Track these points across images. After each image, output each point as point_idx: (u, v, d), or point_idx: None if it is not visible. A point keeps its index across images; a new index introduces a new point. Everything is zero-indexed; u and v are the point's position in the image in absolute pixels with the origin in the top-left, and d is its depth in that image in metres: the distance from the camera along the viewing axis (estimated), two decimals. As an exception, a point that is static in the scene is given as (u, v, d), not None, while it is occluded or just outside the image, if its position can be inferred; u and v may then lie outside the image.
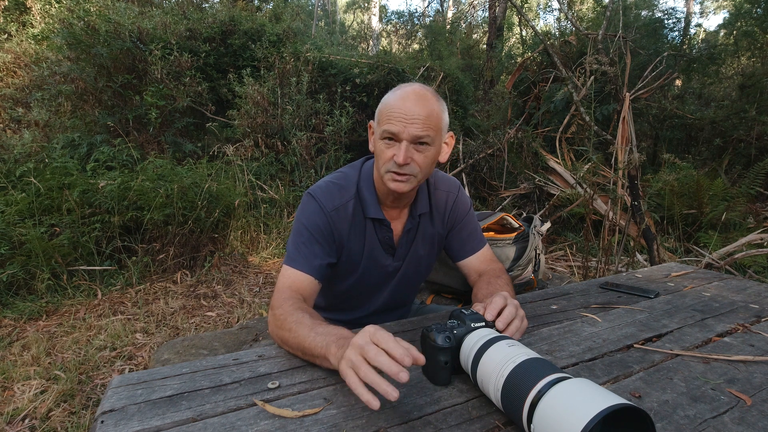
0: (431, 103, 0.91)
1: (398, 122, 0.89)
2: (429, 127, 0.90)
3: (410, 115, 0.88)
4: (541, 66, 5.38)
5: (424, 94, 0.91)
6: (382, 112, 0.93)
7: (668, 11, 7.27)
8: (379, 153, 0.94)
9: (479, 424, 0.61)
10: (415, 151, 0.91)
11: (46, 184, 2.89)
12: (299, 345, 0.75)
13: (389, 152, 0.92)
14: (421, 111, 0.89)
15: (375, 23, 13.13)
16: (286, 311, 0.83)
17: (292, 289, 0.91)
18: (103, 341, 2.19)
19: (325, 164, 4.50)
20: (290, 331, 0.78)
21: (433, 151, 0.93)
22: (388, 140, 0.92)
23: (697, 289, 1.19)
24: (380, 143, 0.93)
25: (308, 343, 0.73)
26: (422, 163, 0.92)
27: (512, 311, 0.78)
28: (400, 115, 0.89)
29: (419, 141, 0.90)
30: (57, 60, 4.53)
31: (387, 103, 0.92)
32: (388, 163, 0.92)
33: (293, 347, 0.78)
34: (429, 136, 0.90)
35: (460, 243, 1.13)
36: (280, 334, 0.81)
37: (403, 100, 0.90)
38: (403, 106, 0.89)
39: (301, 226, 0.98)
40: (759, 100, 5.44)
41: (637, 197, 2.87)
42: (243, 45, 5.09)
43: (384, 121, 0.91)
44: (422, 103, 0.89)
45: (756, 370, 0.77)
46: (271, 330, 0.86)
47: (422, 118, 0.89)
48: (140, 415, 0.61)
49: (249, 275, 3.18)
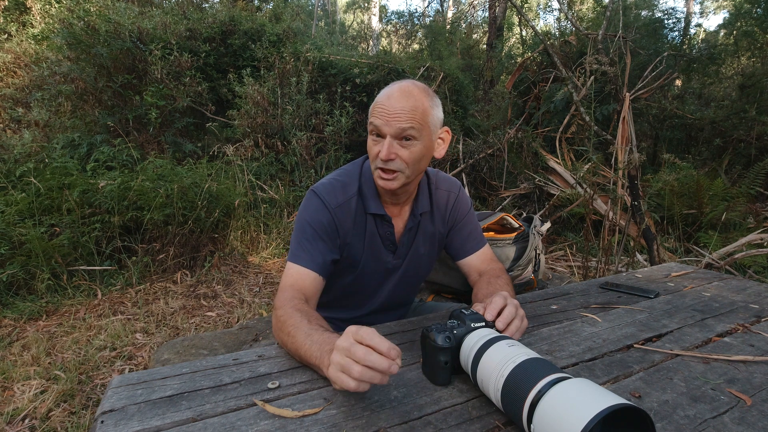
0: (416, 98, 0.90)
1: (381, 117, 0.90)
2: (413, 120, 0.89)
3: (393, 110, 0.89)
4: (541, 66, 5.37)
5: (410, 90, 0.91)
6: (371, 109, 0.95)
7: (668, 11, 7.26)
8: (368, 149, 0.96)
9: (479, 424, 0.61)
10: (399, 147, 0.91)
11: (46, 184, 2.89)
12: (296, 351, 0.76)
13: (375, 148, 0.93)
14: (404, 106, 0.89)
15: (375, 23, 13.13)
16: (286, 313, 0.83)
17: (295, 288, 0.92)
18: (103, 341, 2.19)
19: (325, 164, 4.50)
20: (289, 335, 0.79)
21: (419, 147, 0.92)
22: (376, 136, 0.93)
23: (697, 289, 1.19)
24: (369, 139, 0.95)
25: (304, 350, 0.73)
26: (408, 158, 0.92)
27: (512, 311, 0.79)
28: (384, 111, 0.90)
29: (403, 136, 0.90)
30: (57, 60, 4.53)
31: (376, 100, 0.94)
32: (375, 160, 0.94)
33: (291, 352, 0.79)
34: (413, 129, 0.90)
35: (460, 242, 1.14)
36: (280, 336, 0.82)
37: (388, 96, 0.91)
38: (387, 102, 0.90)
39: (305, 222, 0.98)
40: (759, 100, 5.44)
41: (637, 197, 2.87)
42: (243, 45, 5.09)
43: (371, 116, 0.94)
44: (406, 98, 0.89)
45: (756, 370, 0.77)
46: (273, 330, 0.87)
47: (405, 113, 0.89)
48: (140, 415, 0.61)
49: (249, 275, 3.18)
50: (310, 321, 0.79)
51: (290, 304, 0.86)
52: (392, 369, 0.58)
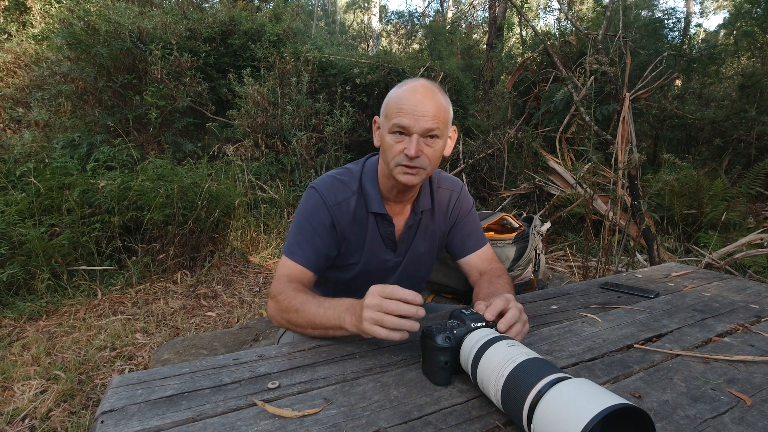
0: (439, 97, 0.93)
1: (409, 116, 0.91)
2: (438, 120, 0.92)
3: (421, 108, 0.90)
4: (541, 66, 5.37)
5: (432, 89, 0.93)
6: (391, 106, 0.94)
7: (668, 11, 7.27)
8: (388, 147, 0.95)
9: (479, 424, 0.61)
10: (425, 145, 0.93)
11: (46, 184, 2.89)
12: (310, 322, 0.81)
13: (399, 146, 0.93)
14: (431, 104, 0.91)
15: (375, 23, 13.12)
16: (289, 295, 0.87)
17: (291, 278, 0.95)
18: (103, 341, 2.19)
19: (325, 164, 4.50)
20: (297, 311, 0.83)
21: (441, 144, 0.96)
22: (399, 134, 0.93)
23: (697, 289, 1.19)
24: (389, 137, 0.94)
25: (319, 318, 0.80)
26: (432, 156, 0.95)
27: (515, 314, 0.77)
28: (411, 109, 0.90)
29: (429, 134, 0.92)
30: (57, 60, 4.53)
31: (396, 96, 0.94)
32: (398, 157, 0.94)
33: (303, 326, 0.83)
34: (438, 129, 0.92)
35: (461, 240, 1.14)
36: (286, 317, 0.85)
37: (413, 92, 0.92)
38: (413, 98, 0.91)
39: (303, 218, 1.00)
40: (759, 100, 5.43)
41: (637, 197, 2.87)
42: (243, 45, 5.09)
43: (393, 114, 0.92)
44: (431, 97, 0.91)
45: (756, 370, 0.77)
46: (273, 315, 0.90)
47: (432, 112, 0.91)
48: (140, 415, 0.61)
49: (249, 275, 3.18)
50: (315, 296, 0.85)
51: (290, 287, 0.90)
52: (420, 313, 0.70)
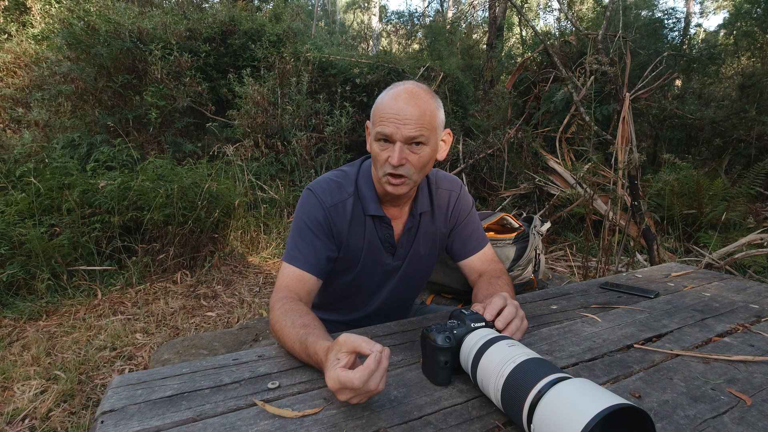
0: (424, 102, 0.89)
1: (391, 123, 0.88)
2: (422, 126, 0.88)
3: (402, 115, 0.87)
4: (541, 66, 5.37)
5: (417, 93, 0.89)
6: (375, 113, 0.92)
7: (668, 11, 7.26)
8: (375, 155, 0.94)
9: (479, 424, 0.61)
10: (409, 152, 0.90)
11: (46, 184, 2.89)
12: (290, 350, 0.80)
13: (384, 154, 0.91)
14: (413, 111, 0.87)
15: (375, 23, 13.13)
16: (277, 313, 0.86)
17: (289, 289, 0.93)
18: (103, 341, 2.19)
19: (325, 164, 4.50)
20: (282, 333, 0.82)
21: (428, 151, 0.92)
22: (383, 141, 0.91)
23: (697, 289, 1.19)
24: (375, 145, 0.93)
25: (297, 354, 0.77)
26: (417, 163, 0.92)
27: (512, 311, 0.78)
28: (393, 116, 0.88)
29: (413, 141, 0.90)
30: (57, 60, 4.53)
31: (380, 103, 0.92)
32: (384, 166, 0.92)
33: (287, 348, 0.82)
34: (423, 136, 0.89)
35: (462, 242, 1.13)
36: (275, 332, 0.85)
37: (395, 100, 0.89)
38: (395, 106, 0.88)
39: (301, 222, 0.98)
40: (759, 100, 5.43)
41: (637, 197, 2.87)
42: (243, 45, 5.09)
43: (377, 122, 0.91)
44: (414, 103, 0.88)
45: (756, 370, 0.77)
46: (270, 329, 0.89)
47: (415, 118, 0.87)
48: (140, 415, 0.61)
49: (249, 275, 3.18)
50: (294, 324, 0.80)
51: (282, 302, 0.88)
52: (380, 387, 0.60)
